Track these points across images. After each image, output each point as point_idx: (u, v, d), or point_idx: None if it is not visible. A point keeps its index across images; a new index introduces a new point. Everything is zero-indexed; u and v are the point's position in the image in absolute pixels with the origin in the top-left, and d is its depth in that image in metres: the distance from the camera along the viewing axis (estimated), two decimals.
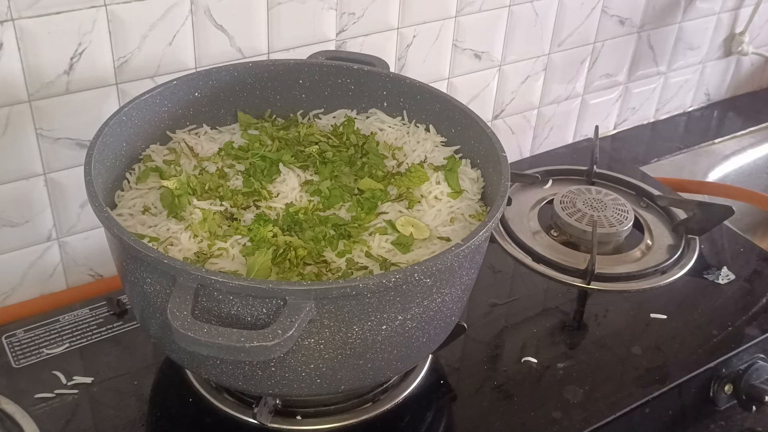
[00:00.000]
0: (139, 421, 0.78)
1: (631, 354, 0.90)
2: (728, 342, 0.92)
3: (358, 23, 1.00)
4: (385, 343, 0.65)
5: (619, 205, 1.09)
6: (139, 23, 0.85)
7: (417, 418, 0.81)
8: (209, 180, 0.75)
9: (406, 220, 0.73)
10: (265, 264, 0.66)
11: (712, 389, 0.91)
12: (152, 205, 0.74)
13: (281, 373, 0.65)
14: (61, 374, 0.82)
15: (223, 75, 0.84)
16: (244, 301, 0.60)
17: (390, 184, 0.78)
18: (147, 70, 0.89)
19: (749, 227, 1.35)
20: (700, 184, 1.28)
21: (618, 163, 1.27)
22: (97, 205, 0.64)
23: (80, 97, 0.86)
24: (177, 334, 0.56)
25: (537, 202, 1.12)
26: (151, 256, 0.60)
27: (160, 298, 0.64)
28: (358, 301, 0.61)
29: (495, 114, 1.22)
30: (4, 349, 0.85)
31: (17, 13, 0.78)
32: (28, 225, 0.90)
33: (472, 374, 0.86)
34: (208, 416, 0.79)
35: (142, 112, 0.78)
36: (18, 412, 0.76)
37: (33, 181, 0.88)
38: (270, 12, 0.93)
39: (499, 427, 0.80)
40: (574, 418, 0.81)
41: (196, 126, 0.84)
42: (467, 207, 0.77)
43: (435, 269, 0.62)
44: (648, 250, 1.06)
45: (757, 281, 1.02)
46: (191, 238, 0.69)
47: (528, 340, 0.91)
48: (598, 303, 0.97)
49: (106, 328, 0.88)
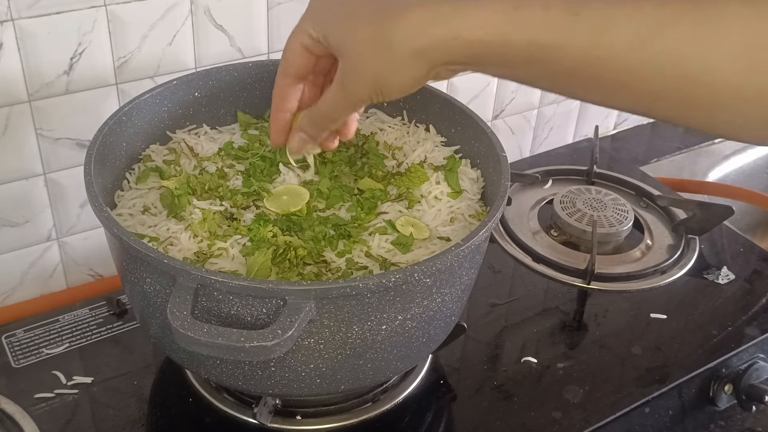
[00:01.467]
0: (139, 421, 0.78)
1: (631, 354, 0.90)
2: (728, 342, 0.92)
3: None
4: (385, 343, 0.65)
5: (619, 205, 1.09)
6: (139, 23, 0.85)
7: (417, 418, 0.81)
8: (209, 180, 0.75)
9: (406, 220, 0.73)
10: (265, 264, 0.66)
11: (712, 389, 0.91)
12: (152, 205, 0.74)
13: (281, 373, 0.65)
14: (60, 374, 0.82)
15: (223, 75, 0.84)
16: (244, 301, 0.60)
17: (390, 184, 0.78)
18: (147, 70, 0.89)
19: (749, 227, 1.35)
20: (700, 184, 1.28)
21: (618, 163, 1.27)
22: (97, 205, 0.64)
23: (80, 97, 0.86)
24: (177, 334, 0.56)
25: (537, 202, 1.12)
26: (151, 256, 0.60)
27: (160, 298, 0.64)
28: (358, 301, 0.61)
29: (495, 114, 1.23)
30: (4, 349, 0.85)
31: (17, 13, 0.78)
32: (28, 225, 0.90)
33: (472, 374, 0.86)
34: (208, 416, 0.79)
35: (142, 112, 0.78)
36: (18, 412, 0.76)
37: (33, 181, 0.88)
38: (270, 12, 0.93)
39: (499, 427, 0.80)
40: (574, 418, 0.81)
41: (196, 126, 0.84)
42: (467, 207, 0.77)
43: (435, 269, 0.62)
44: (648, 250, 1.06)
45: (757, 281, 1.02)
46: (191, 238, 0.69)
47: (528, 340, 0.91)
48: (598, 303, 0.97)
49: (106, 328, 0.88)
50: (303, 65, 0.62)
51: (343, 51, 0.57)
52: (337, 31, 0.57)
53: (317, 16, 0.60)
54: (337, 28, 0.57)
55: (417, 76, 0.55)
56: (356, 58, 0.56)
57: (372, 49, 0.55)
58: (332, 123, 0.64)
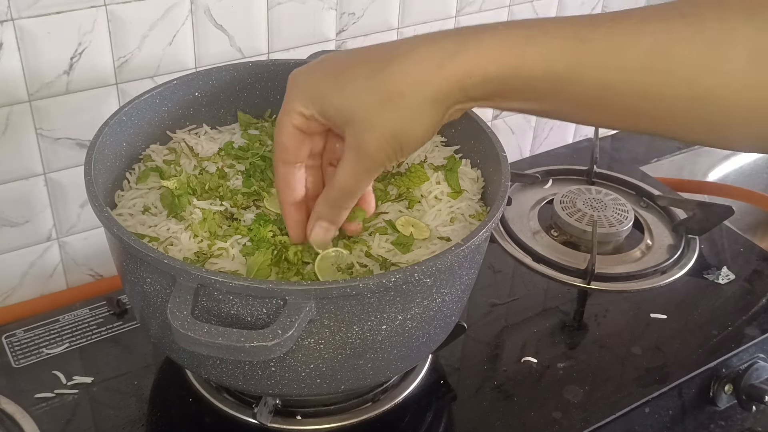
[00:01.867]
0: (139, 421, 0.78)
1: (631, 354, 0.90)
2: (728, 342, 0.92)
3: (358, 23, 1.00)
4: (385, 343, 0.65)
5: (619, 205, 1.09)
6: (139, 23, 0.85)
7: (417, 418, 0.81)
8: (209, 180, 0.75)
9: (406, 220, 0.73)
10: (265, 264, 0.66)
11: (712, 389, 0.91)
12: (152, 205, 0.74)
13: (281, 373, 0.65)
14: (61, 374, 0.82)
15: (223, 75, 0.84)
16: (244, 301, 0.60)
17: (390, 184, 0.78)
18: (147, 70, 0.89)
19: (749, 227, 1.35)
20: (700, 184, 1.28)
21: (618, 163, 1.27)
22: (97, 205, 0.64)
23: (80, 97, 0.86)
24: (177, 334, 0.56)
25: (537, 202, 1.12)
26: (151, 256, 0.60)
27: (160, 298, 0.64)
28: (358, 301, 0.61)
29: (495, 114, 1.23)
30: (4, 349, 0.85)
31: (17, 13, 0.78)
32: (28, 225, 0.90)
33: (472, 374, 0.86)
34: (208, 416, 0.79)
35: (142, 112, 0.78)
36: (18, 412, 0.76)
37: (33, 181, 0.88)
38: (270, 12, 0.93)
39: (499, 427, 0.80)
40: (574, 418, 0.81)
41: (196, 126, 0.84)
42: (467, 207, 0.77)
43: (435, 269, 0.62)
44: (648, 250, 1.06)
45: (757, 281, 1.02)
46: (191, 238, 0.69)
47: (528, 340, 0.91)
48: (598, 303, 0.97)
49: (106, 328, 0.88)
50: (298, 147, 0.60)
51: (349, 119, 0.54)
52: (336, 103, 0.55)
53: (306, 93, 0.57)
54: (334, 98, 0.55)
55: (436, 122, 0.53)
56: (368, 121, 0.53)
57: (383, 108, 0.52)
58: (352, 199, 0.61)
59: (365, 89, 0.53)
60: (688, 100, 0.47)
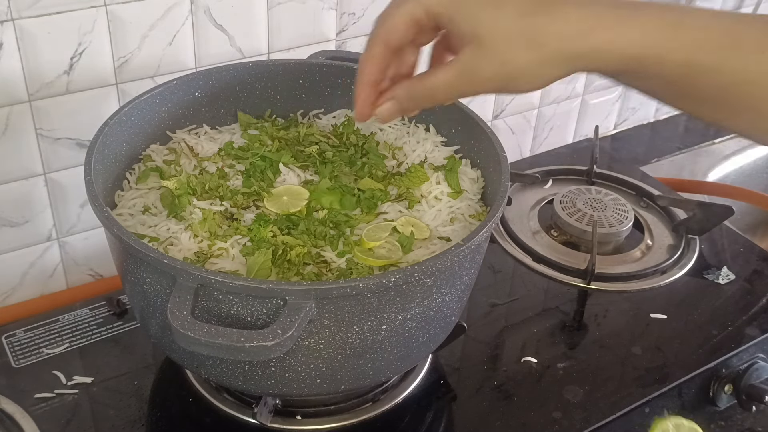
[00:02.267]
0: (139, 421, 0.78)
1: (631, 354, 0.90)
2: (728, 342, 0.92)
3: (358, 23, 1.00)
4: (385, 343, 0.65)
5: (619, 205, 1.09)
6: (139, 23, 0.85)
7: (417, 418, 0.81)
8: (209, 180, 0.75)
9: (406, 220, 0.73)
10: (265, 264, 0.66)
11: (712, 389, 0.91)
12: (152, 205, 0.74)
13: (281, 373, 0.65)
14: (61, 374, 0.82)
15: (223, 75, 0.84)
16: (244, 301, 0.60)
17: (390, 184, 0.78)
18: (147, 70, 0.89)
19: (749, 227, 1.35)
20: (700, 184, 1.28)
21: (618, 163, 1.27)
22: (97, 205, 0.64)
23: (80, 97, 0.86)
24: (177, 334, 0.56)
25: (537, 202, 1.12)
26: (151, 256, 0.60)
27: (160, 298, 0.64)
28: (358, 301, 0.61)
29: (495, 114, 1.22)
30: (4, 349, 0.85)
31: (17, 13, 0.78)
32: (28, 225, 0.90)
33: (472, 374, 0.86)
34: (208, 416, 0.79)
35: (142, 112, 0.78)
36: (18, 412, 0.76)
37: (33, 181, 0.88)
38: (270, 12, 0.93)
39: (499, 427, 0.80)
40: (574, 418, 0.81)
41: (196, 126, 0.84)
42: (467, 207, 0.77)
43: (435, 269, 0.62)
44: (648, 250, 1.06)
45: (757, 281, 1.02)
46: (191, 238, 0.69)
47: (528, 340, 0.91)
48: (598, 303, 0.97)
49: (106, 328, 0.88)
50: (405, 37, 0.58)
51: (477, 38, 0.53)
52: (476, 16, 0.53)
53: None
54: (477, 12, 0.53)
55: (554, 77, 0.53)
56: (496, 48, 0.52)
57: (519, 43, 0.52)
58: (434, 102, 0.59)
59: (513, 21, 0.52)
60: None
